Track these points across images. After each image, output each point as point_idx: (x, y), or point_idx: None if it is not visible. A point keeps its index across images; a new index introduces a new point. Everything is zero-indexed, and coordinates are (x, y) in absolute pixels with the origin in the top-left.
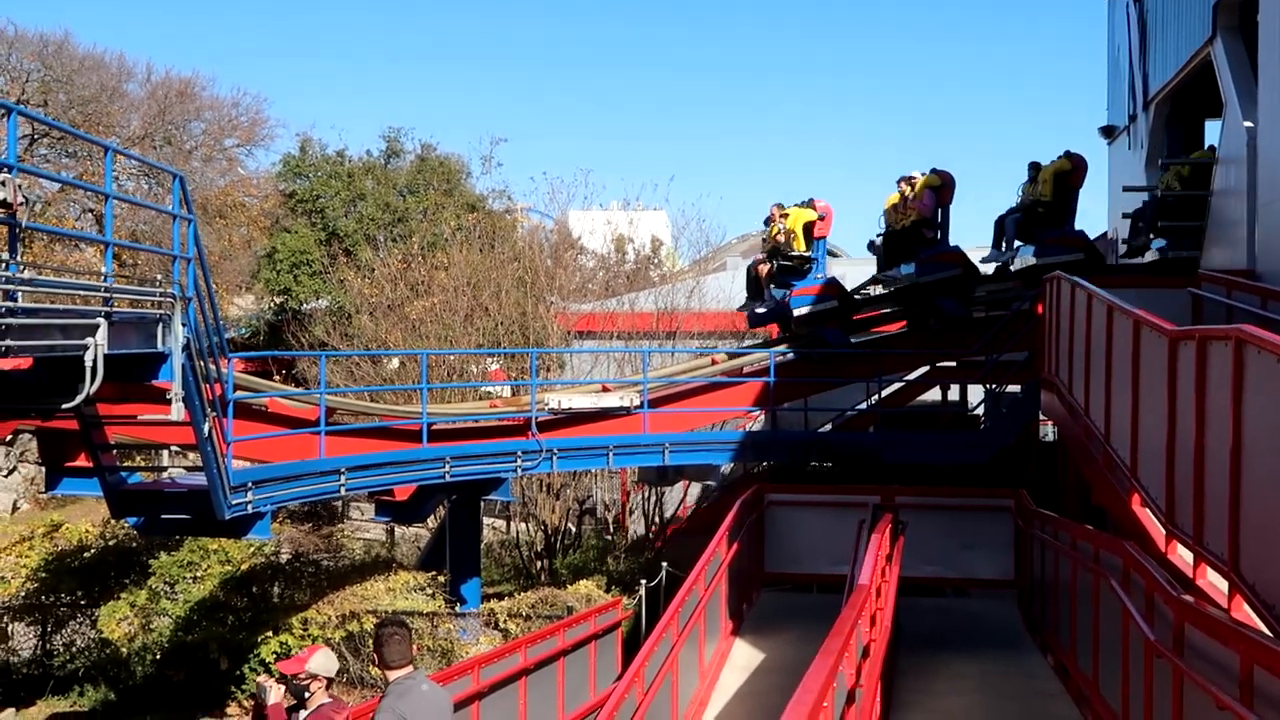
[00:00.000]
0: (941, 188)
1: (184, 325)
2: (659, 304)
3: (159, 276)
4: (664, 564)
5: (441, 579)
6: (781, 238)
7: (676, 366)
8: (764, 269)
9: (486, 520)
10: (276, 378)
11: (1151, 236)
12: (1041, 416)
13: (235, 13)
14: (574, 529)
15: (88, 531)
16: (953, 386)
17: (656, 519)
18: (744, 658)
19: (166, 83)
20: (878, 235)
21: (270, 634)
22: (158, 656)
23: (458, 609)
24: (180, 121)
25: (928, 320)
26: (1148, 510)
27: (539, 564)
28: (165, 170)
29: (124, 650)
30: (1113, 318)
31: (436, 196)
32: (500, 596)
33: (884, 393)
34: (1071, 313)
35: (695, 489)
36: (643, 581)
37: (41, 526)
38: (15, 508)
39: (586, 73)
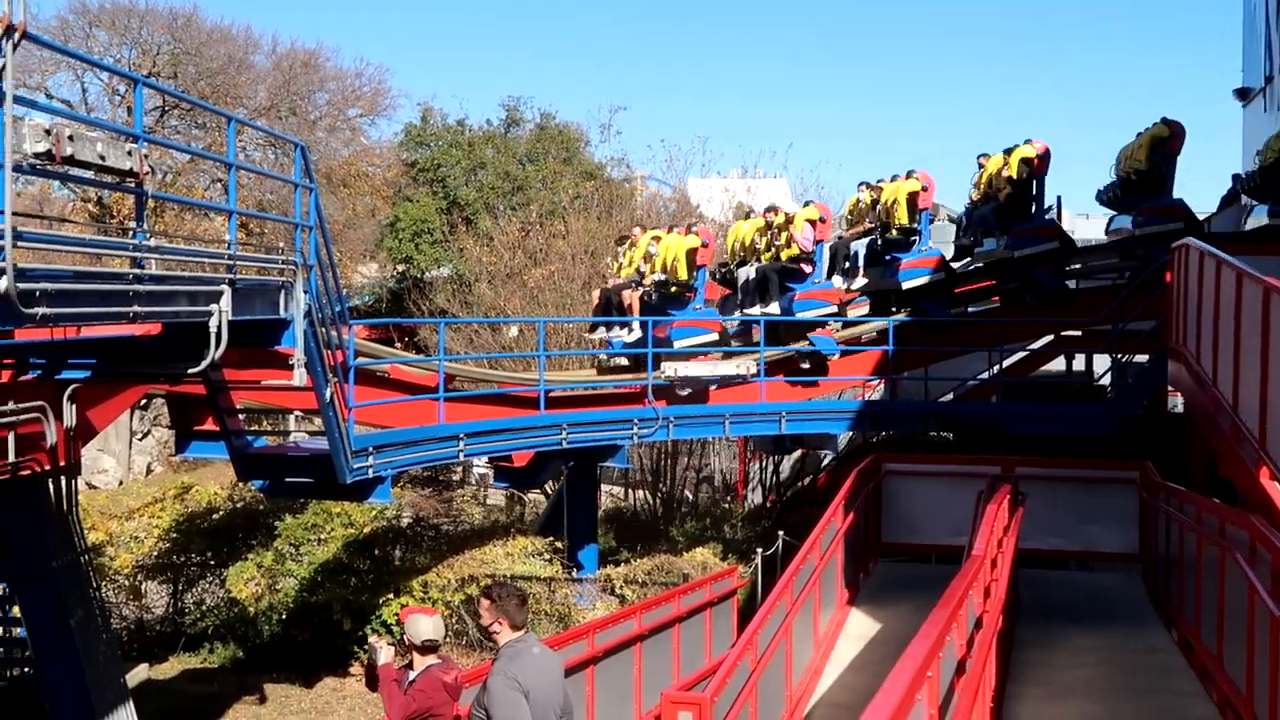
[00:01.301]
0: (1170, 138)
1: (306, 292)
2: None
3: (281, 245)
4: (780, 532)
5: (559, 545)
6: (882, 212)
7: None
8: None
9: (604, 487)
10: (398, 344)
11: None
12: (1169, 387)
13: None
14: (691, 496)
15: (216, 494)
16: (1078, 356)
17: (774, 487)
18: (859, 628)
19: (291, 54)
20: (968, 208)
21: (391, 596)
22: (283, 616)
23: (575, 574)
24: (305, 92)
25: (1022, 295)
26: (1277, 484)
27: (655, 530)
28: (287, 140)
29: (251, 609)
30: (1241, 285)
31: (555, 165)
32: (617, 563)
33: (1006, 362)
34: (1200, 281)
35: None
36: (759, 550)
37: (173, 488)
38: (149, 470)
39: (704, 39)
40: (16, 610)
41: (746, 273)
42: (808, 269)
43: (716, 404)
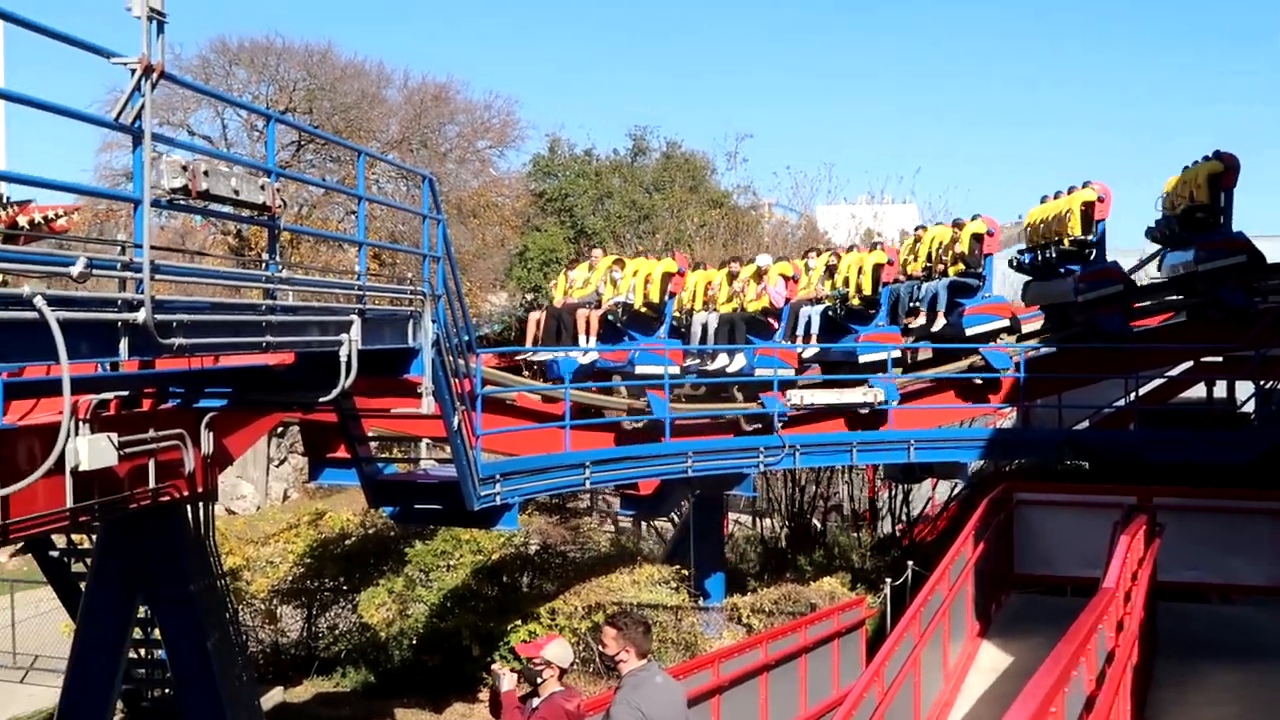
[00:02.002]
0: (1225, 172)
1: (434, 321)
2: None
3: (411, 275)
4: (910, 562)
5: (685, 573)
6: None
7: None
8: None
9: (730, 515)
10: (525, 373)
11: None
12: None
13: (488, 18)
14: (818, 525)
15: (349, 520)
16: (1218, 383)
17: (903, 517)
18: (991, 660)
19: (423, 88)
20: (1156, 222)
21: (519, 622)
22: (414, 641)
23: (701, 603)
24: (435, 125)
25: (1206, 310)
26: None
27: (782, 560)
28: (416, 173)
29: (382, 634)
30: None
31: (681, 193)
32: (743, 591)
33: (1143, 389)
34: None
35: (943, 486)
36: (888, 580)
37: (307, 514)
38: (286, 496)
39: (831, 66)
40: (157, 632)
41: (704, 319)
42: (774, 324)
43: (844, 432)
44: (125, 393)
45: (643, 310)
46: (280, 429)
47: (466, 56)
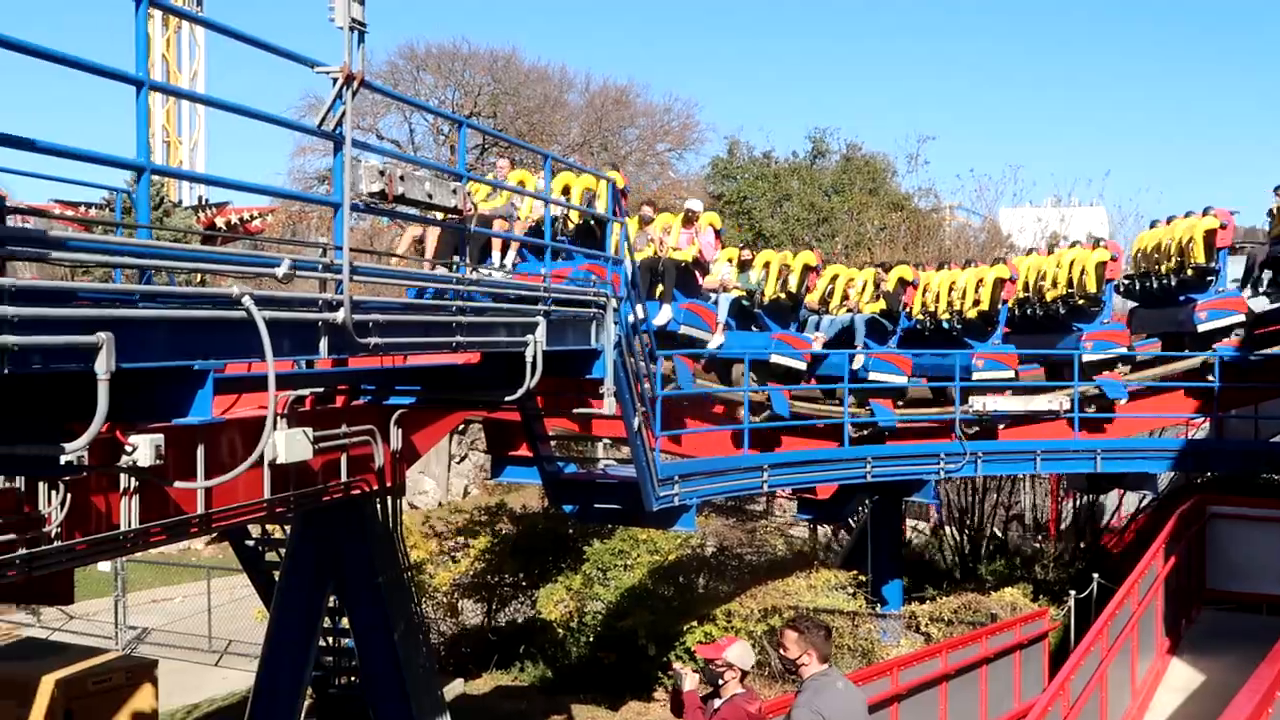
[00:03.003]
0: (1222, 229)
1: (616, 323)
2: None
3: (593, 277)
4: (1095, 575)
5: (862, 579)
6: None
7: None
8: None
9: (908, 521)
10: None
11: None
12: None
13: (669, 22)
14: (999, 534)
15: (527, 516)
16: None
17: (1088, 528)
18: (1181, 679)
19: (604, 92)
20: (1127, 277)
21: (695, 623)
22: (591, 639)
23: (878, 610)
24: (616, 128)
25: None
26: None
27: (962, 569)
28: (598, 175)
29: (560, 631)
30: None
31: (861, 196)
32: (922, 599)
33: None
34: None
35: (1130, 498)
36: (1071, 592)
37: (487, 511)
38: (466, 492)
39: (1015, 66)
40: (345, 622)
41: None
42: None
43: (1028, 439)
44: (320, 389)
45: (781, 297)
46: (461, 426)
47: (647, 60)
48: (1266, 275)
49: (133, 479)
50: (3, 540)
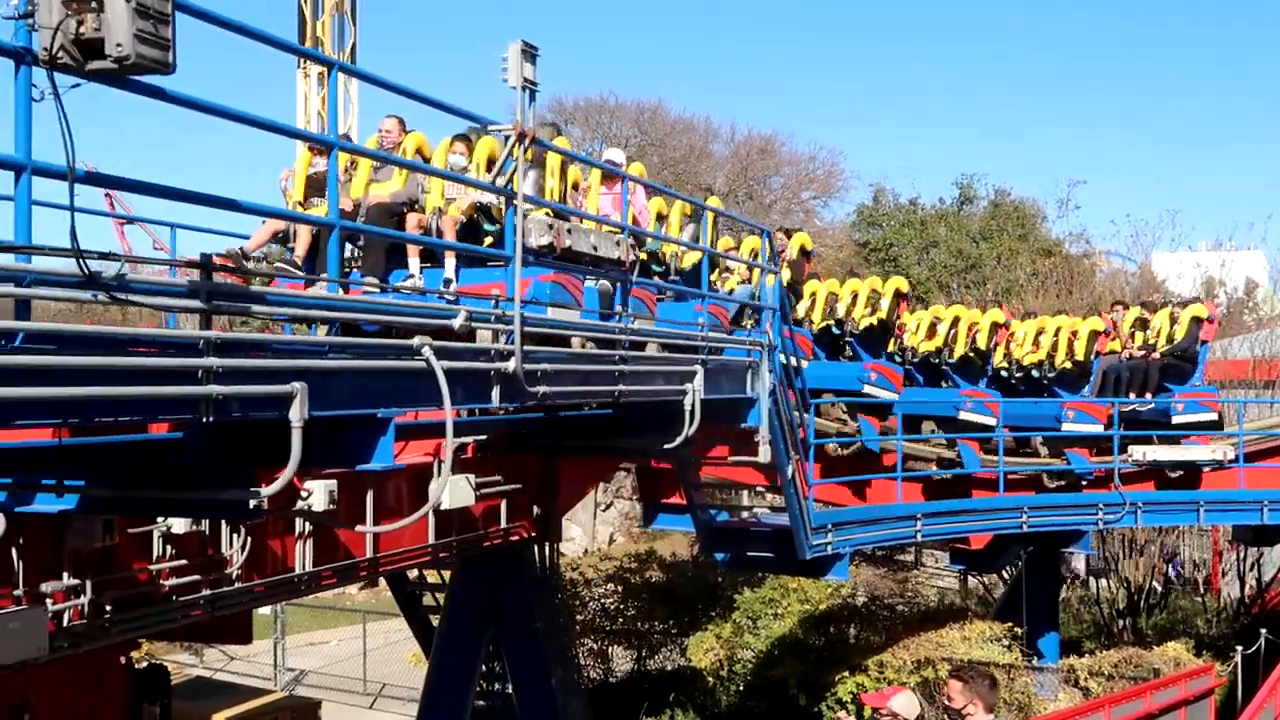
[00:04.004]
0: (1208, 321)
1: (770, 372)
2: (1255, 350)
3: (747, 325)
4: (1263, 630)
5: (1018, 631)
6: None
7: (1276, 419)
8: None
9: (1065, 573)
10: (853, 423)
11: None
12: None
13: (812, 71)
14: (1159, 587)
15: (675, 564)
16: None
17: (1253, 581)
18: None
19: (748, 141)
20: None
21: (846, 673)
22: (741, 688)
23: (1035, 663)
24: (761, 176)
25: None
26: None
27: (1120, 622)
28: (750, 225)
29: (710, 679)
30: None
31: (1010, 242)
32: (1080, 653)
33: None
34: None
35: None
36: (1238, 648)
37: (635, 558)
38: (611, 540)
39: (1169, 109)
40: (500, 666)
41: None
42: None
43: (1190, 490)
44: (484, 436)
45: (874, 325)
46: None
47: (791, 109)
48: None
49: (307, 523)
50: (189, 581)
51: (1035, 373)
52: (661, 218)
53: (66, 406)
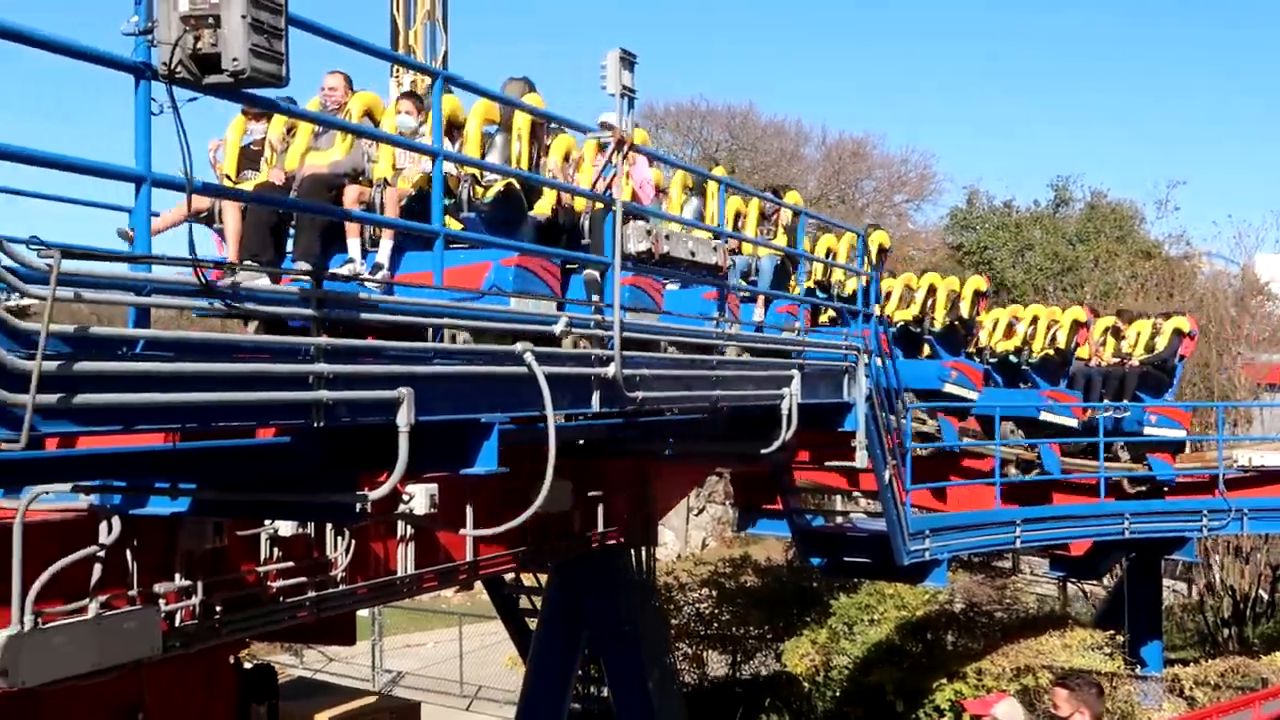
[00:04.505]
0: (1188, 336)
1: (867, 376)
2: None
3: (842, 330)
4: None
5: (1119, 639)
6: None
7: None
8: None
9: (1165, 581)
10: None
11: None
12: None
13: (905, 74)
14: (1265, 596)
15: (770, 569)
16: None
17: None
18: None
19: (840, 144)
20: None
21: (944, 680)
22: (837, 694)
23: (1137, 671)
24: (853, 180)
25: None
26: None
27: (1226, 631)
28: (845, 229)
29: (805, 685)
30: None
31: (1108, 244)
32: (1184, 662)
33: None
34: None
35: None
36: None
37: (728, 563)
38: (704, 544)
39: (1274, 106)
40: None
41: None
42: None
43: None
44: (581, 441)
45: (955, 324)
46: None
47: (883, 112)
48: None
49: (408, 527)
50: (296, 583)
51: (1014, 359)
52: (660, 191)
53: (185, 412)
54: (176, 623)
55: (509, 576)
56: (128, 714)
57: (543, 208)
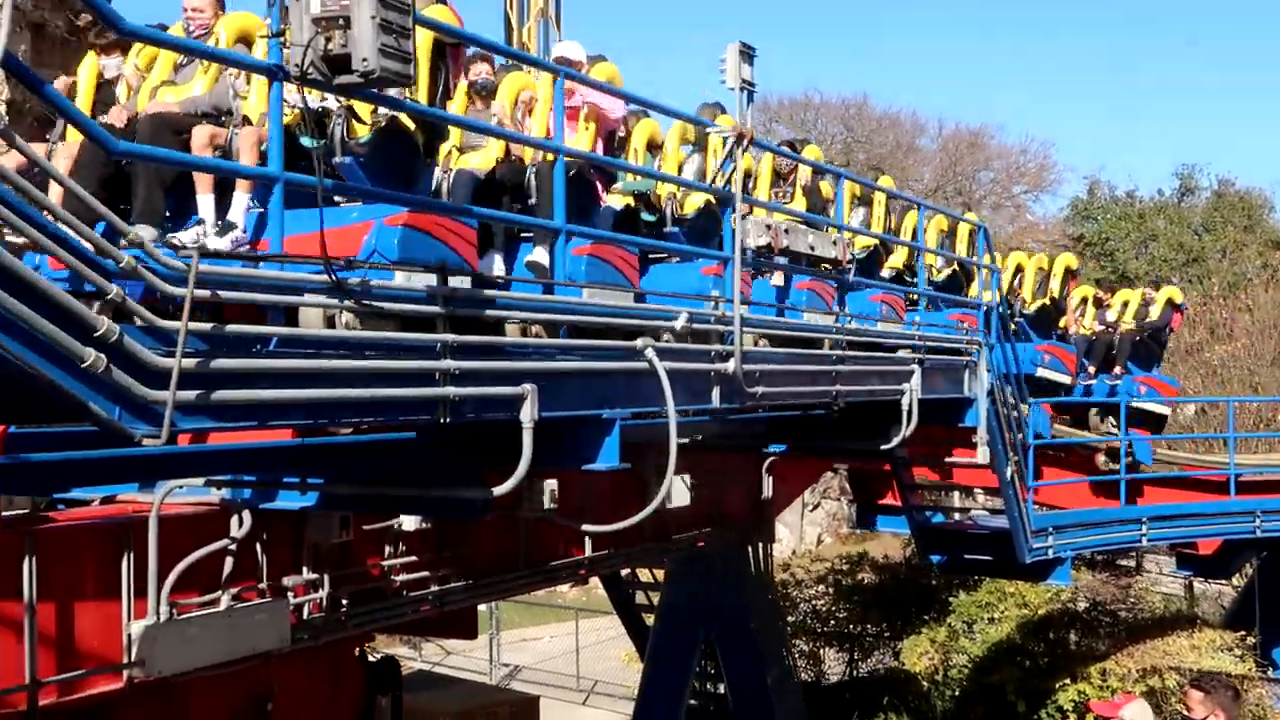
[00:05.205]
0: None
1: (988, 371)
2: None
3: (966, 326)
4: None
5: (1250, 640)
6: None
7: None
8: None
9: None
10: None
11: None
12: None
13: (1021, 65)
14: None
15: (888, 566)
16: None
17: None
18: None
19: (956, 136)
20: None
21: (1067, 681)
22: (956, 693)
23: (1270, 674)
24: (969, 171)
25: None
26: None
27: None
28: (965, 221)
29: (924, 684)
30: None
31: (1235, 234)
32: None
33: None
34: None
35: None
36: None
37: (845, 560)
38: (819, 540)
39: None
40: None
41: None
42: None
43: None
44: (699, 436)
45: (1046, 304)
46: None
47: (1001, 102)
48: None
49: (527, 521)
50: (419, 577)
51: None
52: (655, 147)
53: (317, 408)
54: (304, 615)
55: (625, 572)
56: (257, 704)
57: (486, 161)
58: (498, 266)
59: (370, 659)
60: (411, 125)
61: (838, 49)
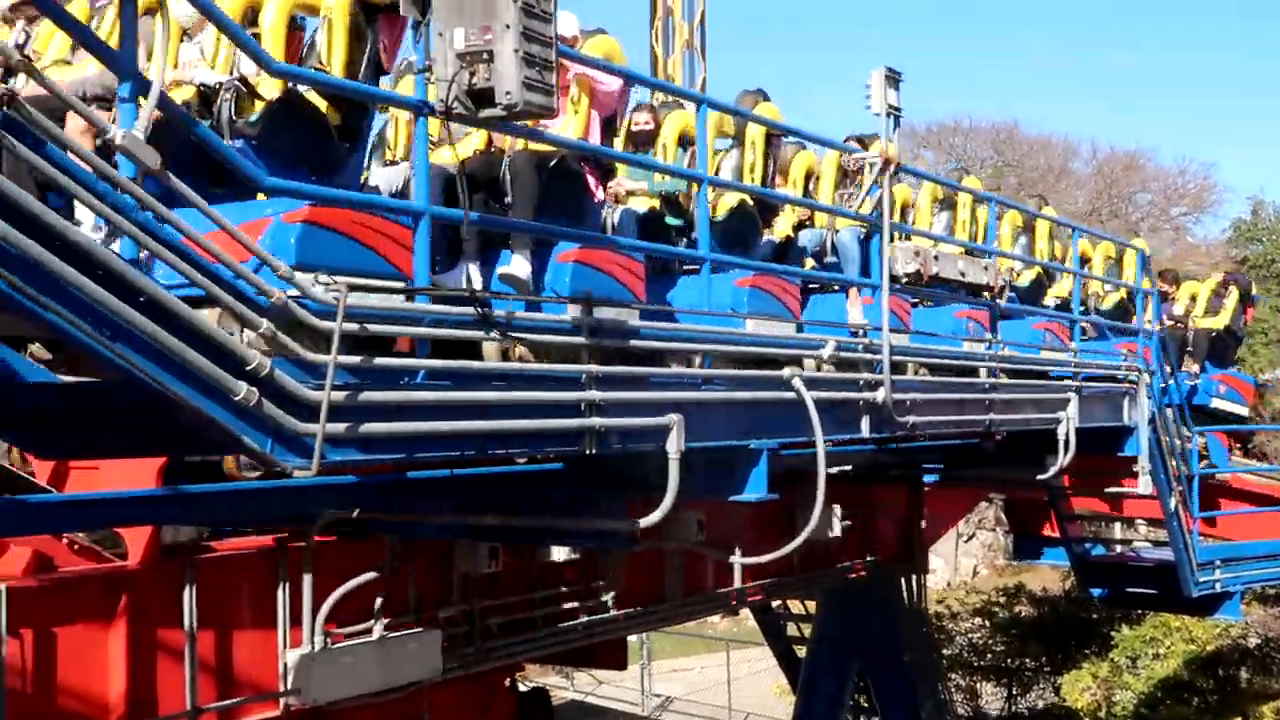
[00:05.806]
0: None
1: (1149, 398)
2: None
3: (1124, 352)
4: None
5: None
6: None
7: None
8: None
9: None
10: (1236, 451)
11: None
12: None
13: (1175, 86)
14: None
15: (1046, 598)
16: None
17: None
18: None
19: (1111, 159)
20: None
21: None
22: None
23: None
24: (1125, 194)
25: None
26: None
27: None
28: (1123, 244)
29: (1085, 719)
30: None
31: None
32: None
33: None
34: None
35: None
36: None
37: (1003, 592)
38: (975, 572)
39: None
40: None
41: None
42: None
43: None
44: (849, 466)
45: (1220, 330)
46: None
47: (1157, 124)
48: None
49: (677, 553)
50: (569, 608)
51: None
52: (687, 143)
53: (464, 440)
54: (454, 645)
55: (776, 603)
56: None
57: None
58: (475, 278)
59: (521, 688)
60: (322, 103)
61: (986, 74)
